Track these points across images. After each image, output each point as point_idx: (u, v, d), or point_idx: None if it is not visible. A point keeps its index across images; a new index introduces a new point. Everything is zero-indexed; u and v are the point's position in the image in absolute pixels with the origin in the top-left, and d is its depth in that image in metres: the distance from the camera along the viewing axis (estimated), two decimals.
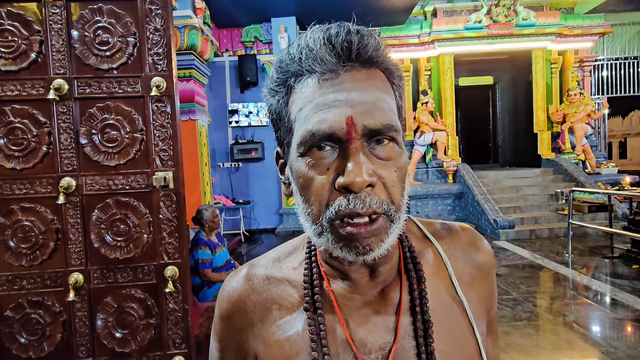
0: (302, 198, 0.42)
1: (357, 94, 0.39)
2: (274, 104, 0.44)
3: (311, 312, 0.45)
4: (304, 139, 0.39)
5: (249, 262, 0.54)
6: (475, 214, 6.50)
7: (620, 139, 19.66)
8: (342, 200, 0.38)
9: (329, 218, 0.39)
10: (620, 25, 8.24)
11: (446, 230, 0.53)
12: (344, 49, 0.39)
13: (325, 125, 0.38)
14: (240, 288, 0.50)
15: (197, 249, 2.80)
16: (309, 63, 0.40)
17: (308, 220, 0.42)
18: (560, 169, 7.15)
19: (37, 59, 1.50)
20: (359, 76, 0.40)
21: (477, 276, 0.50)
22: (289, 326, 0.46)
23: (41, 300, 1.53)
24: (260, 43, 7.10)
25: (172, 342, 1.59)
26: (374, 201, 0.38)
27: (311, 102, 0.40)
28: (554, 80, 7.73)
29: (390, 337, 0.44)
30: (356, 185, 0.37)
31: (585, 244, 5.20)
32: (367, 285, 0.46)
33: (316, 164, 0.40)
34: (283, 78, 0.42)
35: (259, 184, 7.03)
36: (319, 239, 0.42)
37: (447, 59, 7.56)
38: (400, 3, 6.45)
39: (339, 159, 0.39)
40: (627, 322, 2.88)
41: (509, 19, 7.27)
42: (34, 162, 1.51)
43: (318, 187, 0.39)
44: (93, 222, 1.54)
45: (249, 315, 0.49)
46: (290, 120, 0.42)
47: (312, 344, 0.43)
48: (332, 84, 0.39)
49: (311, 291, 0.45)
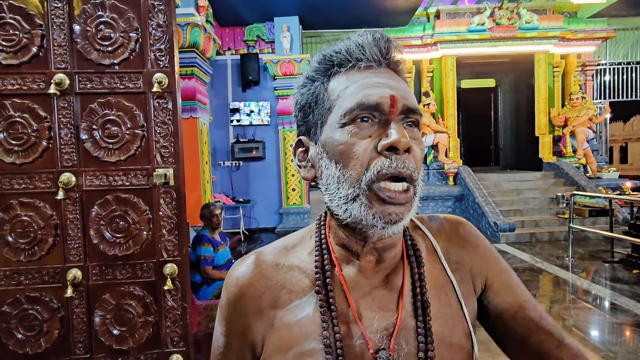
0: (338, 166, 0.45)
1: (393, 82, 0.47)
2: (311, 89, 0.50)
3: (323, 294, 0.47)
4: (351, 109, 0.45)
5: (255, 250, 0.55)
6: (475, 217, 6.49)
7: (622, 144, 19.62)
8: (384, 160, 0.43)
9: (369, 179, 0.43)
10: (623, 30, 8.23)
11: (433, 221, 0.59)
12: (384, 49, 0.48)
13: (373, 98, 0.44)
14: (249, 273, 0.52)
15: (200, 245, 2.79)
16: (357, 53, 0.47)
17: (343, 186, 0.45)
18: (562, 172, 7.14)
19: (39, 53, 1.49)
20: (392, 72, 0.49)
21: (461, 255, 0.55)
22: (299, 310, 0.48)
23: (39, 296, 1.52)
24: (262, 42, 7.09)
25: (170, 340, 1.57)
26: (411, 165, 0.44)
27: (356, 82, 0.46)
28: (556, 83, 7.72)
29: (394, 317, 0.48)
30: (402, 144, 0.42)
31: (585, 248, 5.18)
32: (374, 270, 0.50)
33: (358, 132, 0.45)
34: (326, 67, 0.49)
35: (260, 183, 7.02)
36: (352, 205, 0.44)
37: (450, 61, 7.55)
38: (404, 4, 6.44)
39: (380, 128, 0.45)
40: (626, 327, 2.87)
41: (512, 22, 7.26)
42: (33, 157, 1.50)
43: (360, 150, 0.44)
44: (92, 218, 1.53)
45: (257, 299, 0.50)
46: (330, 99, 0.48)
47: (323, 324, 0.46)
48: (373, 71, 0.47)
49: (323, 275, 0.49)
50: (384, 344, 0.46)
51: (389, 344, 0.46)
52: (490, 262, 0.56)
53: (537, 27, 7.29)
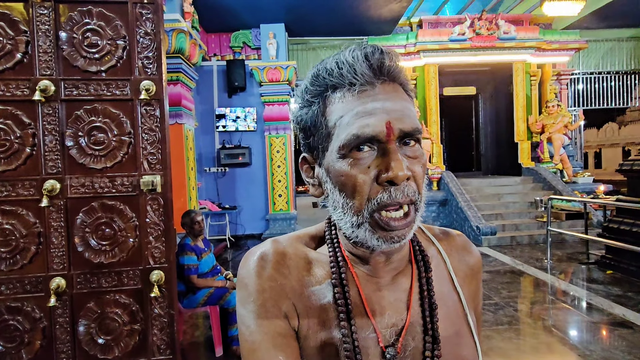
0: (342, 194, 0.47)
1: (390, 103, 0.46)
2: (309, 113, 0.50)
3: (339, 287, 0.49)
4: (348, 141, 0.45)
5: (270, 238, 0.54)
6: (458, 221, 6.63)
7: (596, 150, 20.46)
8: (383, 193, 0.45)
9: (371, 210, 0.45)
10: (594, 42, 8.65)
11: (444, 234, 0.61)
12: (379, 66, 0.46)
13: (369, 129, 0.44)
14: (275, 250, 0.52)
15: (182, 254, 2.76)
16: (350, 77, 0.46)
17: (348, 213, 0.47)
18: (540, 177, 7.40)
19: (23, 60, 1.47)
20: (389, 88, 0.47)
21: (468, 274, 0.58)
22: (321, 294, 0.50)
23: (20, 306, 1.49)
24: (248, 48, 7.11)
25: (156, 347, 1.56)
26: (410, 191, 0.46)
27: (352, 110, 0.45)
28: (533, 92, 8.03)
29: (403, 316, 0.50)
30: (400, 178, 0.44)
31: (563, 250, 5.37)
32: (383, 270, 0.52)
33: (357, 163, 0.45)
34: (320, 90, 0.48)
35: (246, 189, 6.98)
36: (357, 230, 0.47)
37: (432, 69, 7.76)
38: (388, 14, 6.59)
39: (378, 157, 0.45)
40: (601, 326, 2.99)
41: (491, 32, 7.54)
42: (16, 164, 1.48)
43: (360, 183, 0.45)
44: (77, 225, 1.51)
45: (285, 271, 0.50)
46: (328, 127, 0.48)
47: (340, 315, 0.48)
48: (368, 94, 0.46)
49: (338, 269, 0.50)
50: (393, 340, 0.49)
51: (397, 340, 0.49)
52: (480, 295, 0.61)
53: (515, 38, 7.59)
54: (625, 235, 4.09)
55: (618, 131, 19.45)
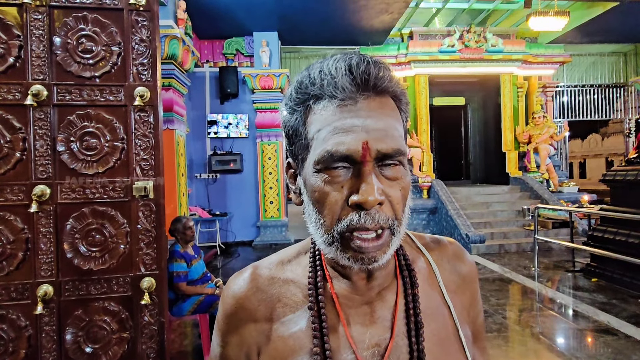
0: (315, 210, 0.46)
1: (372, 121, 0.43)
2: (291, 120, 0.48)
3: (315, 310, 0.48)
4: (322, 157, 0.43)
5: (252, 264, 0.56)
6: (448, 229, 6.70)
7: (580, 160, 21.00)
8: (353, 215, 0.42)
9: (340, 230, 0.43)
10: (578, 56, 8.96)
11: (435, 242, 0.58)
12: (363, 80, 0.43)
13: (344, 148, 0.42)
14: (246, 286, 0.53)
15: (172, 261, 2.73)
16: (330, 89, 0.43)
17: (320, 230, 0.46)
18: (527, 186, 7.55)
19: (15, 64, 1.47)
20: (374, 104, 0.44)
21: (460, 284, 0.56)
22: (292, 323, 0.49)
23: (5, 314, 1.45)
24: (241, 56, 7.14)
25: (146, 356, 1.54)
26: (382, 218, 0.43)
27: (330, 124, 0.43)
28: (520, 103, 8.23)
29: (387, 335, 0.48)
30: (368, 204, 0.41)
31: (550, 259, 5.47)
32: (366, 287, 0.50)
33: (331, 180, 0.43)
34: (302, 98, 0.46)
35: (237, 196, 6.95)
36: (329, 248, 0.46)
37: (423, 79, 7.90)
38: (379, 25, 6.72)
39: (352, 178, 0.43)
40: (587, 333, 3.05)
41: (479, 45, 7.74)
42: (5, 169, 1.46)
43: (332, 202, 0.43)
44: (67, 231, 1.49)
45: (253, 312, 0.51)
46: (307, 138, 0.46)
47: (314, 340, 0.46)
48: (349, 109, 0.43)
49: (315, 292, 0.49)
50: None
51: None
52: (478, 305, 0.58)
53: (502, 50, 7.81)
54: (609, 243, 4.20)
55: (601, 142, 20.04)
